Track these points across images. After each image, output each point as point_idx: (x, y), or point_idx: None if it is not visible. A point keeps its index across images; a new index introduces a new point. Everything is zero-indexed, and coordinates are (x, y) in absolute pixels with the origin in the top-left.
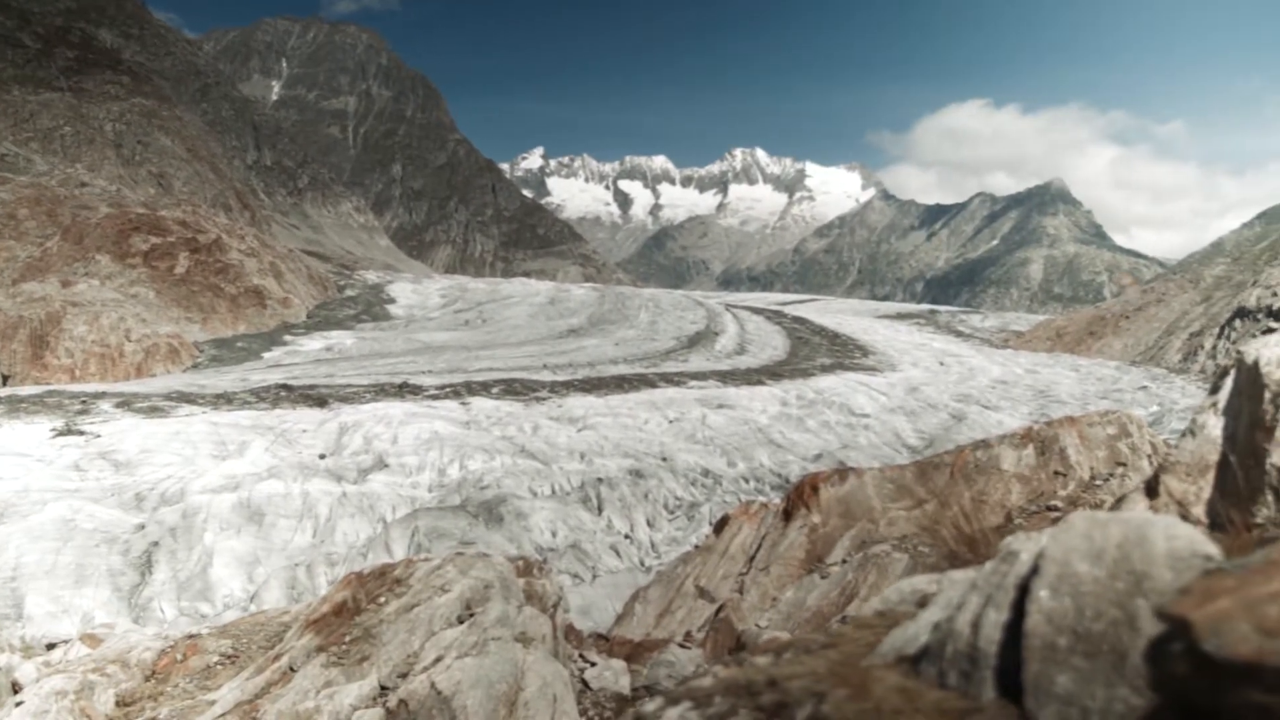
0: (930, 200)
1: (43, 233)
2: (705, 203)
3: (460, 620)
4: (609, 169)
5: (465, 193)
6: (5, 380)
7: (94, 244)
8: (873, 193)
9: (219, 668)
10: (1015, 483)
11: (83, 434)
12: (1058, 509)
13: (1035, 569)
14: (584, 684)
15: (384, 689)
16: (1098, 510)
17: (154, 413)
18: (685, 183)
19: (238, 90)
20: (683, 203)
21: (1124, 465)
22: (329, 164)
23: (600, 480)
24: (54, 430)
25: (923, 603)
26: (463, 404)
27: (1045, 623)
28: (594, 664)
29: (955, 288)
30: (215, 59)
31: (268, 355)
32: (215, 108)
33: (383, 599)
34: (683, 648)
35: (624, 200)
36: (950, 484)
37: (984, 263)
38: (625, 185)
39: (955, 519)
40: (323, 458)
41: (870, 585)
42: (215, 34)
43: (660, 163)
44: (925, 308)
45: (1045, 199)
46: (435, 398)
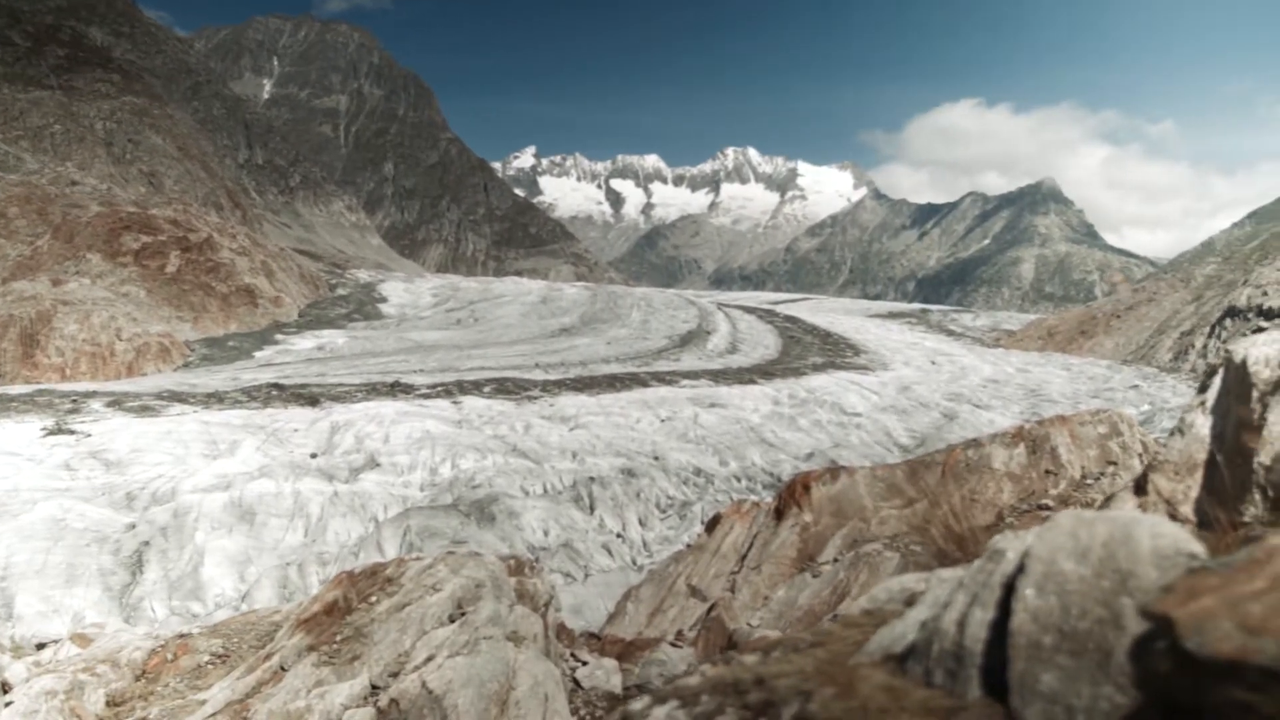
0: (922, 199)
1: (33, 231)
2: (697, 202)
3: (452, 619)
4: (601, 168)
5: (457, 192)
6: None
7: (85, 242)
8: (865, 192)
9: (210, 667)
10: (1007, 481)
11: (73, 433)
12: (1049, 508)
13: (1021, 567)
14: (576, 683)
15: (375, 688)
16: (1088, 509)
17: (145, 412)
18: (677, 182)
19: (229, 89)
20: (675, 202)
21: (1115, 464)
22: (320, 163)
23: (592, 479)
24: (44, 429)
25: (910, 601)
26: (454, 403)
27: (1031, 621)
28: (586, 663)
29: (947, 287)
30: (206, 57)
31: (259, 354)
32: (206, 106)
33: (374, 598)
34: (674, 647)
35: (616, 199)
36: (941, 483)
37: (975, 262)
38: (617, 184)
39: (945, 518)
40: (314, 457)
41: (862, 584)
42: (206, 32)
43: (652, 162)
44: (917, 307)
45: (1037, 198)
46: (427, 397)
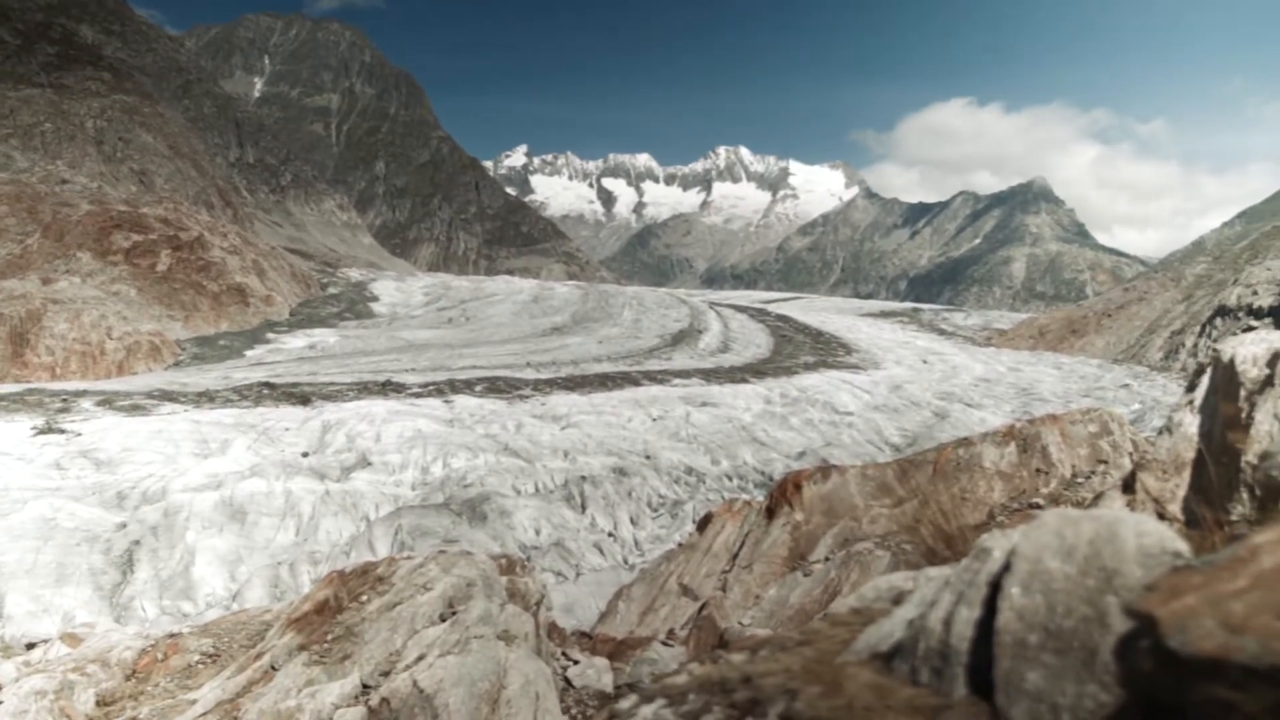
0: (913, 199)
1: (23, 230)
2: (689, 201)
3: (443, 618)
4: (593, 167)
5: (449, 190)
6: None
7: (75, 241)
8: (856, 191)
9: (200, 667)
10: (997, 480)
11: (63, 432)
12: (1040, 506)
13: (1007, 566)
14: (567, 682)
15: (366, 687)
16: (1078, 508)
17: (135, 411)
18: (669, 181)
19: (220, 87)
20: (666, 201)
21: (1105, 463)
22: (312, 161)
23: (584, 478)
24: (34, 428)
25: (898, 600)
26: (446, 402)
27: (1016, 620)
28: (577, 662)
29: (938, 286)
30: (197, 55)
31: (250, 353)
32: (197, 105)
33: (365, 597)
34: (666, 646)
35: (608, 198)
36: (932, 482)
37: (967, 261)
38: (609, 183)
39: (934, 517)
40: (305, 456)
41: (853, 583)
42: (197, 30)
43: (644, 161)
44: (908, 306)
45: (1028, 197)
46: (418, 396)
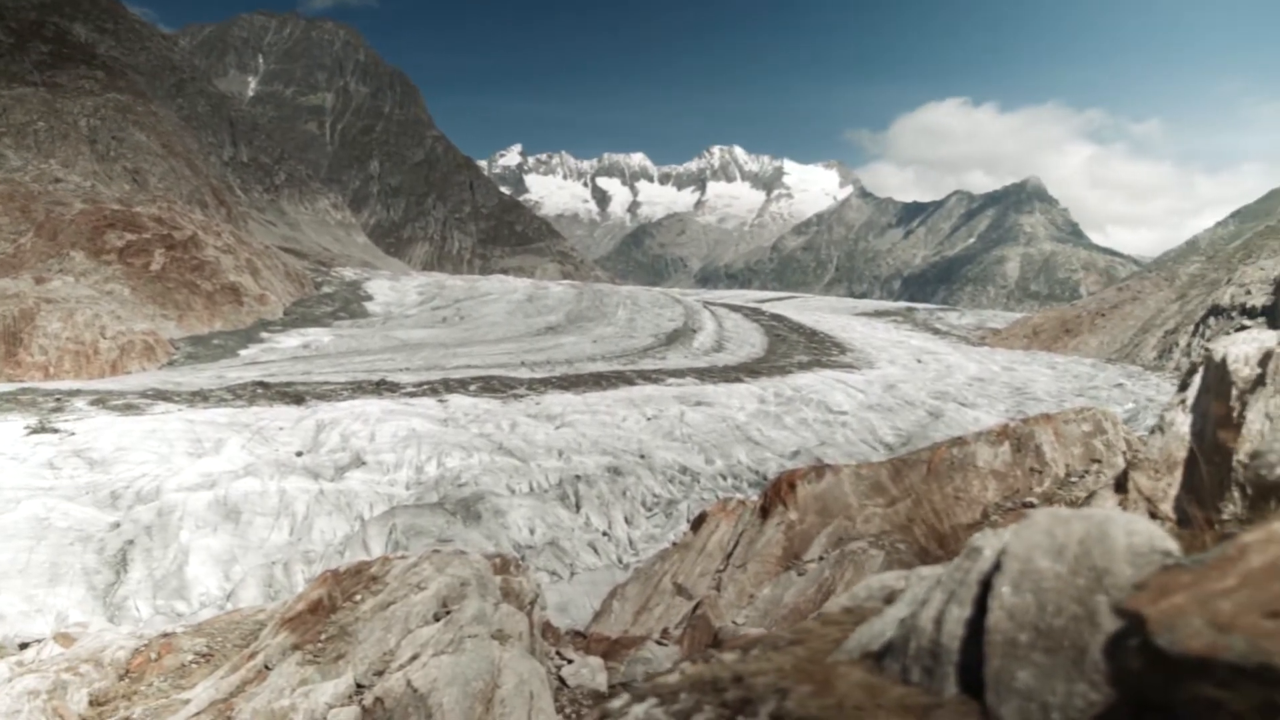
0: (908, 198)
1: (16, 229)
2: (683, 200)
3: (437, 618)
4: (587, 166)
5: (443, 190)
6: None
7: (68, 240)
8: (850, 190)
9: (194, 666)
10: (991, 479)
11: (57, 432)
12: (1034, 506)
13: (998, 565)
14: (561, 681)
15: (360, 687)
16: (1072, 507)
17: (129, 410)
18: (663, 180)
19: (214, 86)
20: (661, 200)
21: (1099, 462)
22: (306, 160)
23: (578, 478)
24: (28, 428)
25: (890, 599)
26: (440, 401)
27: (1007, 619)
28: (571, 661)
29: (932, 285)
30: (191, 54)
31: (244, 352)
32: (191, 103)
33: (359, 597)
34: (660, 645)
35: (602, 197)
36: (925, 481)
37: (961, 260)
38: (603, 182)
39: (927, 516)
40: (300, 455)
41: (847, 582)
42: (191, 29)
43: (638, 160)
44: (903, 305)
45: (1022, 197)
46: (413, 395)
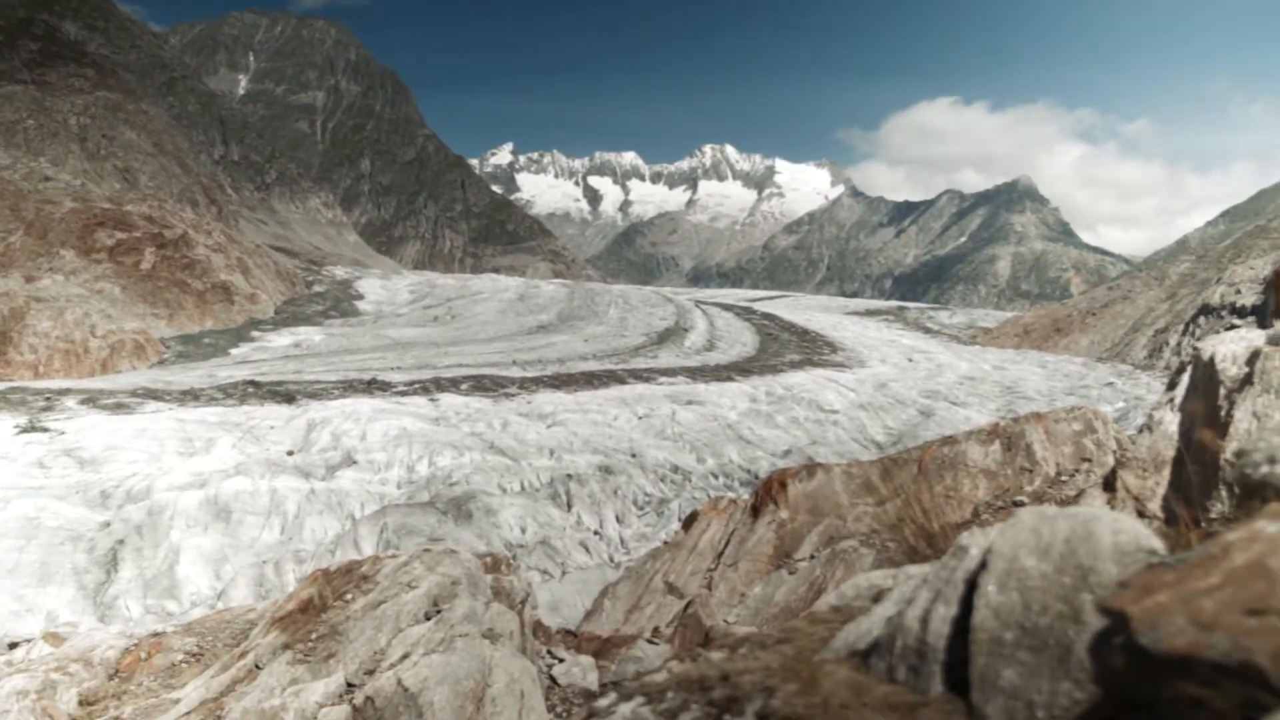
0: (899, 197)
1: (5, 227)
2: (675, 199)
3: (427, 617)
4: (579, 165)
5: (434, 188)
6: None
7: (58, 239)
8: (842, 189)
9: (184, 666)
10: (982, 478)
11: (47, 431)
12: (1024, 504)
13: (984, 564)
14: (552, 680)
15: (350, 686)
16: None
17: (119, 409)
18: (655, 179)
19: (204, 84)
20: (652, 199)
21: (1090, 461)
22: (297, 159)
23: (570, 476)
24: (17, 427)
25: (878, 598)
26: (432, 400)
27: (992, 617)
28: (562, 660)
29: (924, 284)
30: (181, 52)
31: (235, 351)
32: (181, 102)
33: (349, 596)
34: (651, 643)
35: (594, 196)
36: (914, 480)
37: (952, 260)
38: (595, 181)
39: (916, 515)
40: (291, 454)
41: (838, 581)
42: (181, 27)
43: (630, 159)
44: (894, 304)
45: (1013, 196)
46: (404, 394)
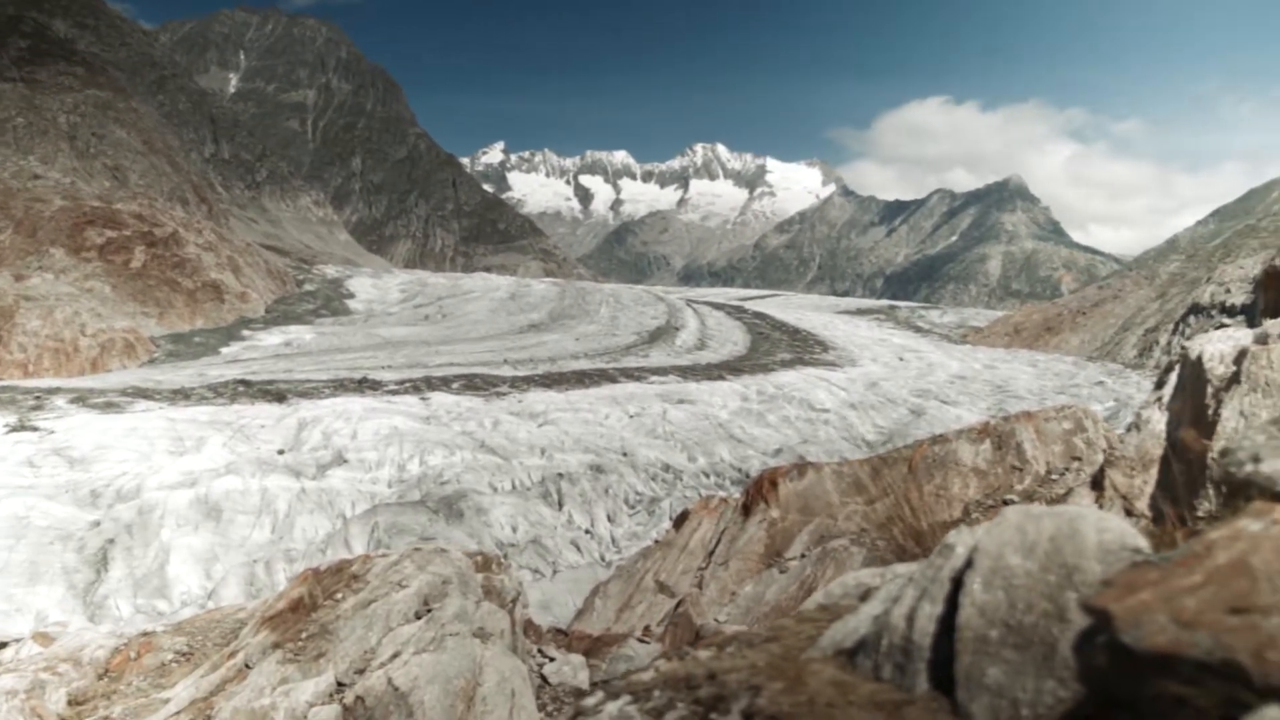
0: (890, 196)
1: None
2: (666, 198)
3: (418, 616)
4: (570, 164)
5: (425, 187)
6: None
7: (48, 237)
8: (833, 189)
9: (174, 665)
10: (973, 477)
11: (36, 430)
12: (1014, 503)
13: (969, 562)
14: (543, 679)
15: (341, 685)
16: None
17: (109, 408)
18: (646, 178)
19: (195, 82)
20: (644, 198)
21: (1080, 459)
22: (288, 157)
23: (561, 475)
24: (7, 426)
25: (865, 596)
26: (423, 399)
27: (978, 615)
28: (553, 659)
29: (914, 284)
30: (172, 50)
31: (226, 350)
32: (172, 100)
33: (340, 595)
34: (642, 642)
35: (585, 195)
36: (904, 479)
37: (943, 259)
38: (586, 180)
39: (905, 514)
40: (281, 453)
41: (828, 579)
42: (171, 26)
43: (621, 158)
44: (885, 303)
45: (1004, 195)
46: (395, 393)
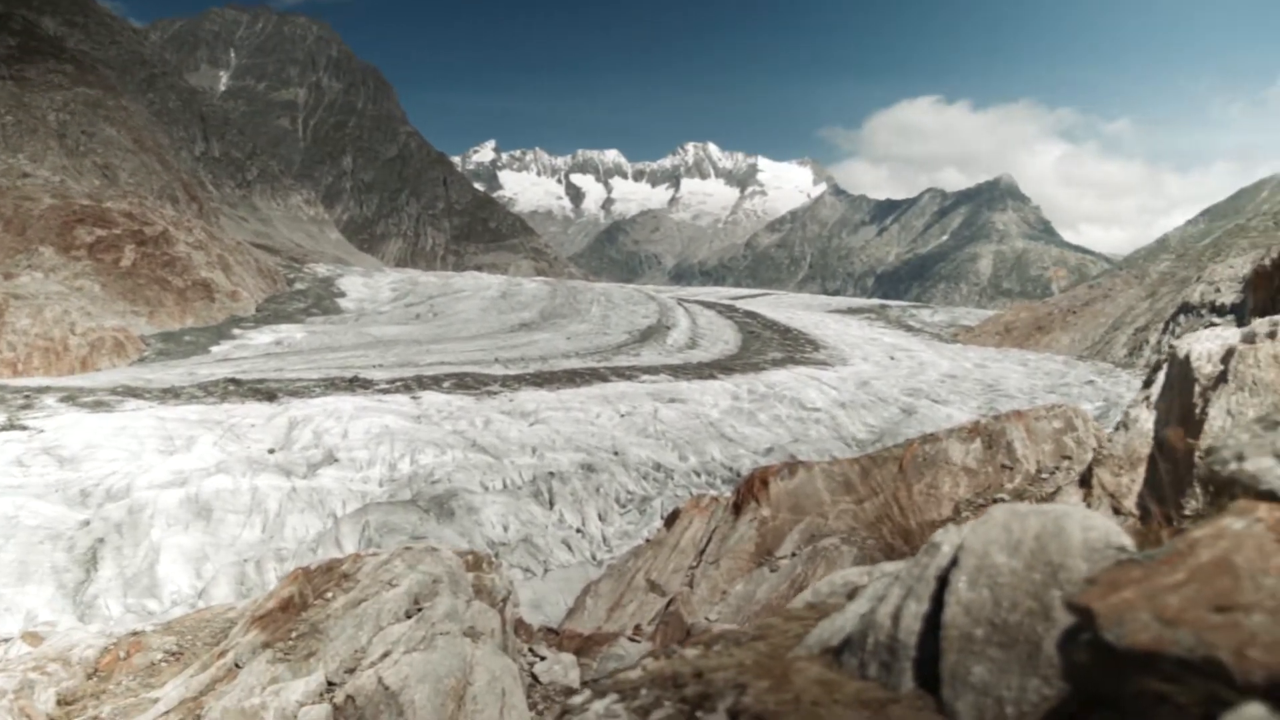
0: (881, 195)
1: None
2: (657, 197)
3: (408, 615)
4: (561, 162)
5: (416, 186)
6: None
7: (37, 236)
8: (824, 188)
9: (163, 665)
10: (963, 476)
11: (26, 429)
12: (1004, 502)
13: (955, 561)
14: (534, 678)
15: (331, 685)
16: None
17: (99, 407)
18: (637, 177)
19: (185, 81)
20: (635, 197)
21: (1070, 459)
22: (278, 156)
23: (552, 474)
24: None
25: (852, 595)
26: (413, 398)
27: (963, 614)
28: (544, 658)
29: (906, 283)
30: (162, 49)
31: (216, 349)
32: (162, 98)
33: (330, 594)
34: (633, 641)
35: (576, 194)
36: (895, 478)
37: (934, 258)
38: (577, 179)
39: (894, 513)
40: (272, 453)
41: (819, 578)
42: (161, 23)
43: (612, 156)
44: (876, 302)
45: (994, 195)
46: (386, 392)
